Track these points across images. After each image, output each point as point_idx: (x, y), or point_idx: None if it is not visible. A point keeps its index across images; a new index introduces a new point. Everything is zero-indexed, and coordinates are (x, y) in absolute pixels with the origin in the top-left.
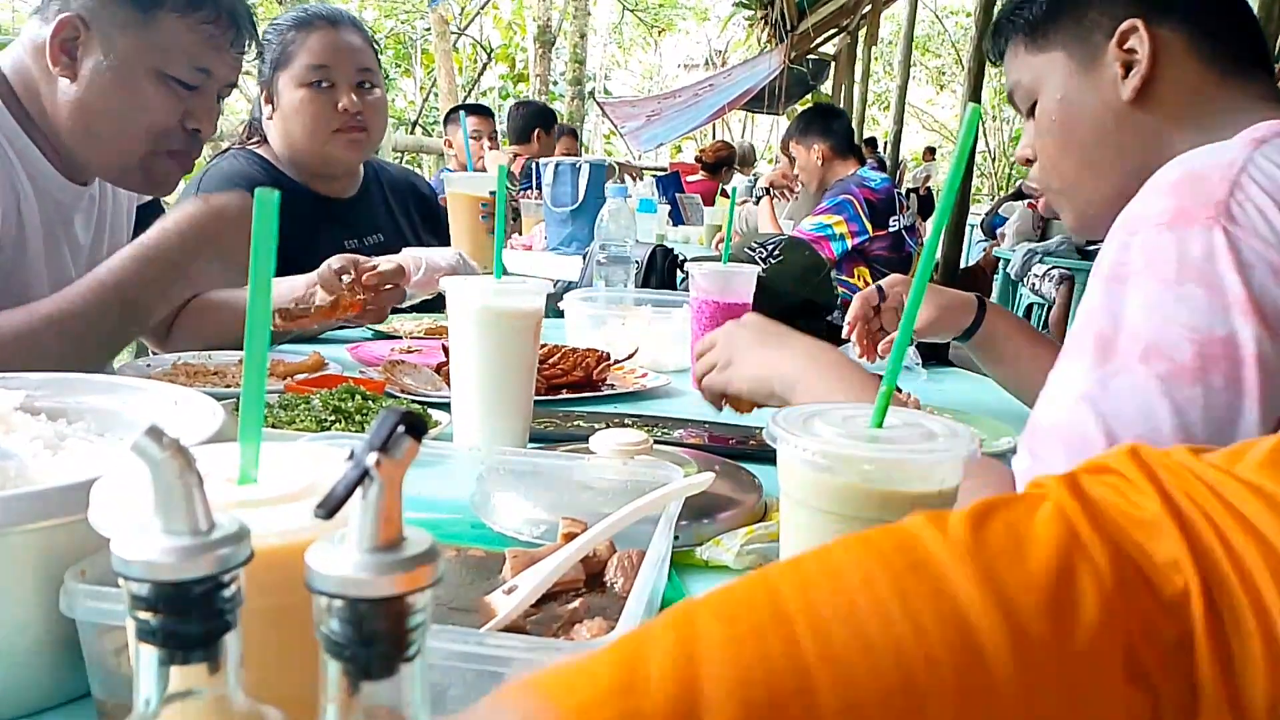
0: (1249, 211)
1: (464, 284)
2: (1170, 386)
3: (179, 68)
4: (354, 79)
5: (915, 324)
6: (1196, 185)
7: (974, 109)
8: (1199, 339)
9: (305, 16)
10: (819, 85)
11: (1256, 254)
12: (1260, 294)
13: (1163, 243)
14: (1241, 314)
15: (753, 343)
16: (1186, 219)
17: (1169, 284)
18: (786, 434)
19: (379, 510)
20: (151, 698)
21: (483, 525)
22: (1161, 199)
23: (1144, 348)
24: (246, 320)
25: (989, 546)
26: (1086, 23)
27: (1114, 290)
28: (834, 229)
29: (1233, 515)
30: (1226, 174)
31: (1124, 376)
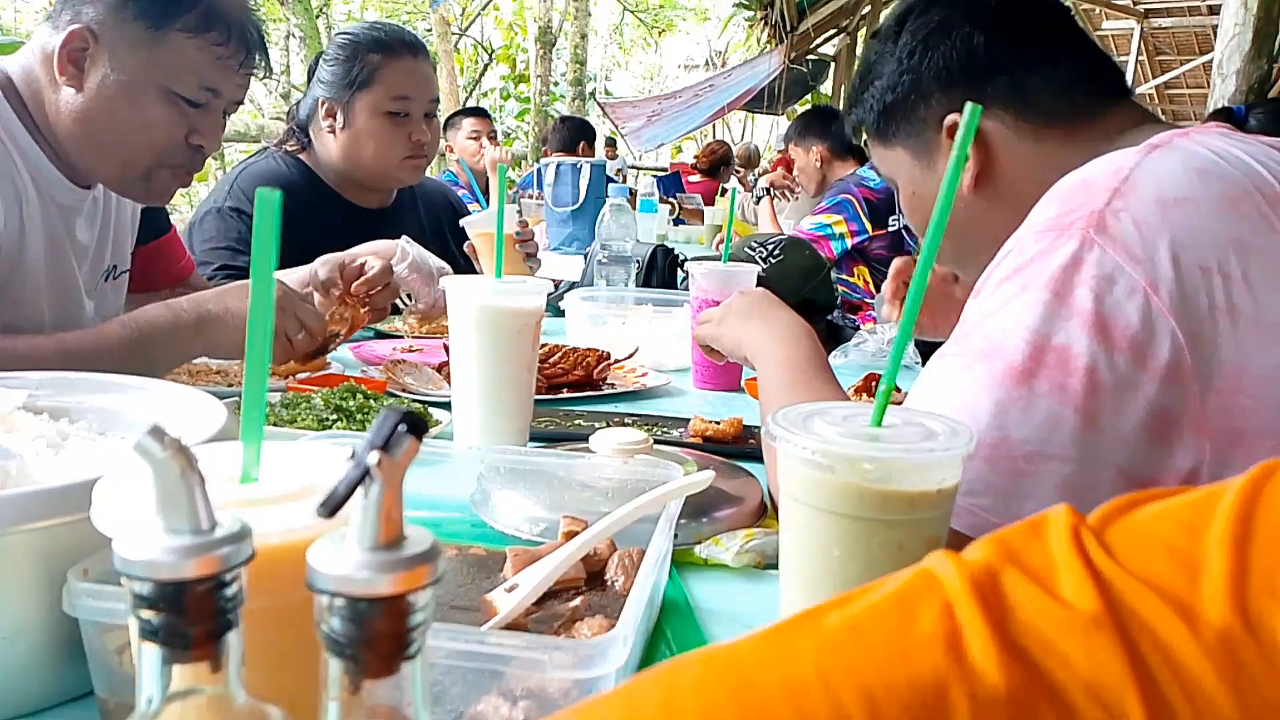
0: (1123, 222)
1: (464, 284)
2: (997, 384)
3: (187, 86)
4: (426, 109)
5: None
6: (1079, 194)
7: (973, 108)
8: (1035, 343)
9: (387, 40)
10: (819, 85)
11: (1118, 267)
12: (1110, 310)
13: (1033, 249)
14: (1081, 326)
15: (743, 311)
16: (1060, 228)
17: (1026, 289)
18: (786, 433)
19: (380, 509)
20: (154, 696)
21: (483, 524)
22: (1046, 208)
23: (989, 346)
24: (248, 320)
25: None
26: (917, 121)
27: (983, 292)
28: (833, 228)
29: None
30: (1110, 182)
31: (963, 373)
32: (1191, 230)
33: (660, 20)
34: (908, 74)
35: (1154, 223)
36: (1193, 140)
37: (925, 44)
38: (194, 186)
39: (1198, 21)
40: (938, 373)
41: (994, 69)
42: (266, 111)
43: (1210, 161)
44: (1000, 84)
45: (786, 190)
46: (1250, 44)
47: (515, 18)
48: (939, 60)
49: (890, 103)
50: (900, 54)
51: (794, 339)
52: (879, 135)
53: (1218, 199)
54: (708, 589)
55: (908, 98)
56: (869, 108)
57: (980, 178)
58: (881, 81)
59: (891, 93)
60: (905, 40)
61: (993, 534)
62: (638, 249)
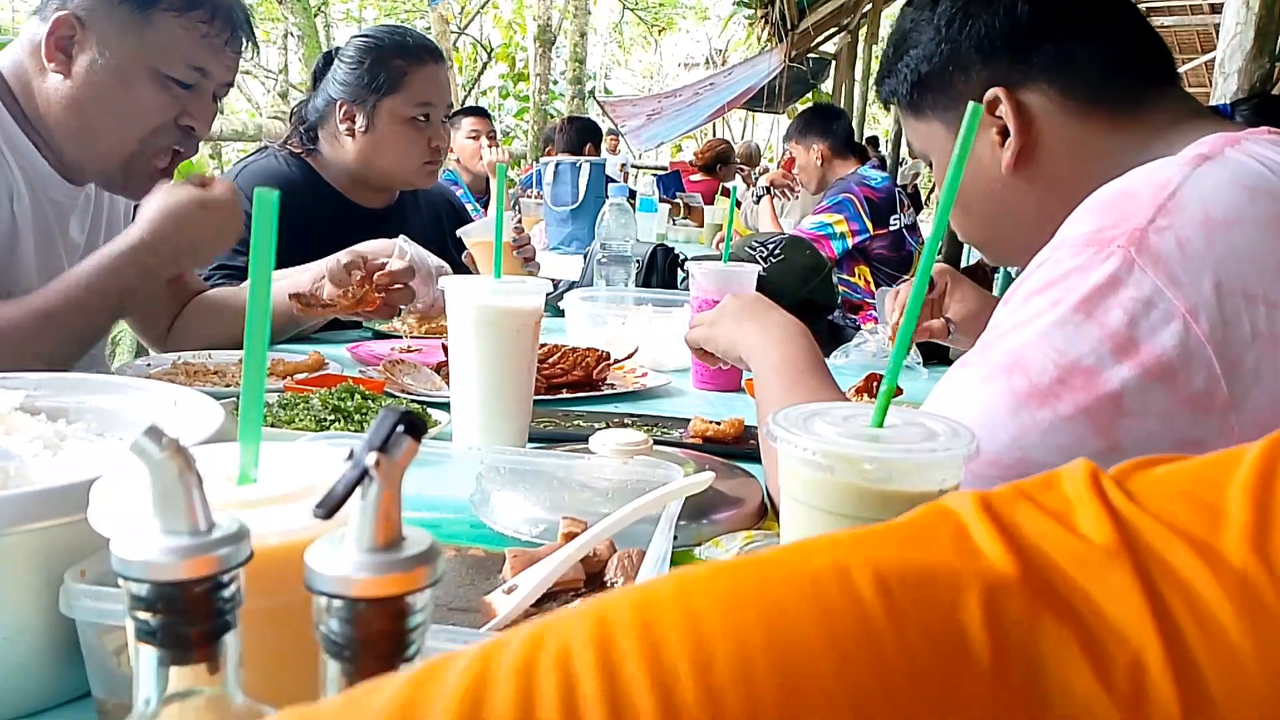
0: (1167, 242)
1: (463, 284)
2: (1019, 404)
3: (175, 67)
4: (444, 113)
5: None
6: (1123, 206)
7: (974, 107)
8: (1064, 365)
9: (411, 46)
10: (819, 84)
11: (1157, 291)
12: (1145, 335)
13: (1070, 264)
14: (1112, 351)
15: (736, 313)
16: (1100, 242)
17: (1058, 305)
18: (786, 434)
19: (378, 510)
20: (151, 697)
21: (482, 525)
22: (1088, 218)
23: (1012, 361)
24: (246, 320)
25: None
26: (953, 94)
27: (1013, 302)
28: (834, 228)
29: None
30: (1156, 197)
31: (984, 385)
32: (1238, 255)
33: (660, 18)
34: (946, 43)
35: (1199, 245)
36: (1244, 150)
37: (966, 11)
38: None
39: (1199, 20)
40: (958, 382)
41: (1040, 38)
42: (265, 110)
43: (1262, 178)
44: (1046, 55)
45: (786, 189)
46: (1252, 43)
47: (514, 16)
48: (980, 29)
49: (926, 74)
50: (939, 22)
51: (789, 339)
52: (912, 108)
53: (1268, 221)
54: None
55: (945, 68)
56: (903, 78)
57: (1022, 155)
58: (917, 50)
59: (928, 63)
60: (944, 7)
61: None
62: (637, 249)
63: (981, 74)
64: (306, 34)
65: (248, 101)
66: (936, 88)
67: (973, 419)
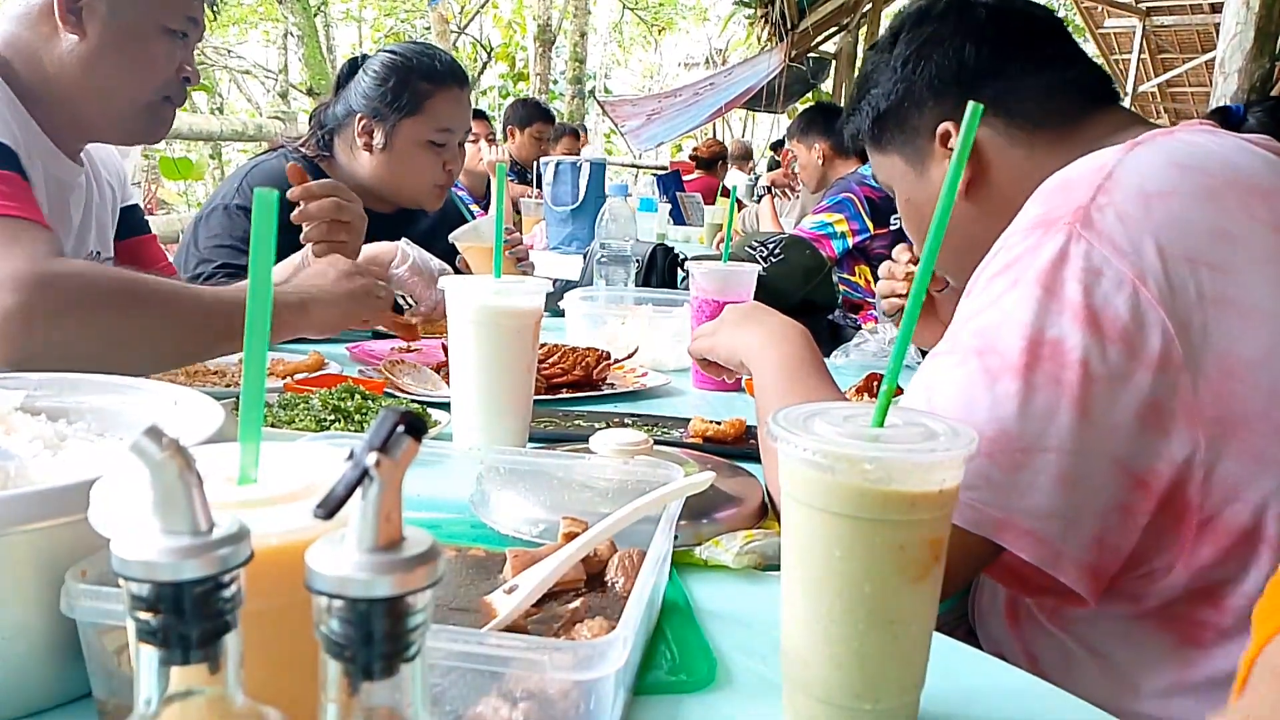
0: (1107, 216)
1: (463, 283)
2: (992, 379)
3: (177, 20)
4: (461, 137)
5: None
6: (1065, 191)
7: (974, 107)
8: (1028, 336)
9: (440, 70)
10: (819, 84)
11: (1105, 260)
12: (1100, 303)
13: (1021, 246)
14: (1073, 319)
15: (736, 319)
16: (1046, 224)
17: (1017, 284)
18: (787, 434)
19: (379, 510)
20: (152, 698)
21: (483, 525)
22: (1033, 207)
23: (982, 342)
24: (246, 320)
25: None
26: (909, 128)
27: (975, 290)
28: (835, 227)
29: None
30: (1094, 179)
31: (958, 368)
32: (1175, 222)
33: (660, 18)
34: (901, 82)
35: (1138, 215)
36: (1174, 137)
37: (919, 53)
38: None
39: (1200, 20)
40: (931, 370)
41: (983, 77)
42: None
43: (1189, 155)
44: (989, 91)
45: (787, 189)
46: (1252, 42)
47: (514, 15)
48: (931, 69)
49: (885, 110)
50: (895, 63)
51: (788, 340)
52: (875, 142)
53: (1199, 190)
54: (708, 590)
55: (901, 104)
56: (865, 115)
57: (972, 184)
58: (877, 90)
59: (886, 99)
60: (900, 50)
61: None
62: (637, 248)
63: (934, 109)
64: (306, 34)
65: (248, 101)
66: (894, 123)
67: (950, 400)
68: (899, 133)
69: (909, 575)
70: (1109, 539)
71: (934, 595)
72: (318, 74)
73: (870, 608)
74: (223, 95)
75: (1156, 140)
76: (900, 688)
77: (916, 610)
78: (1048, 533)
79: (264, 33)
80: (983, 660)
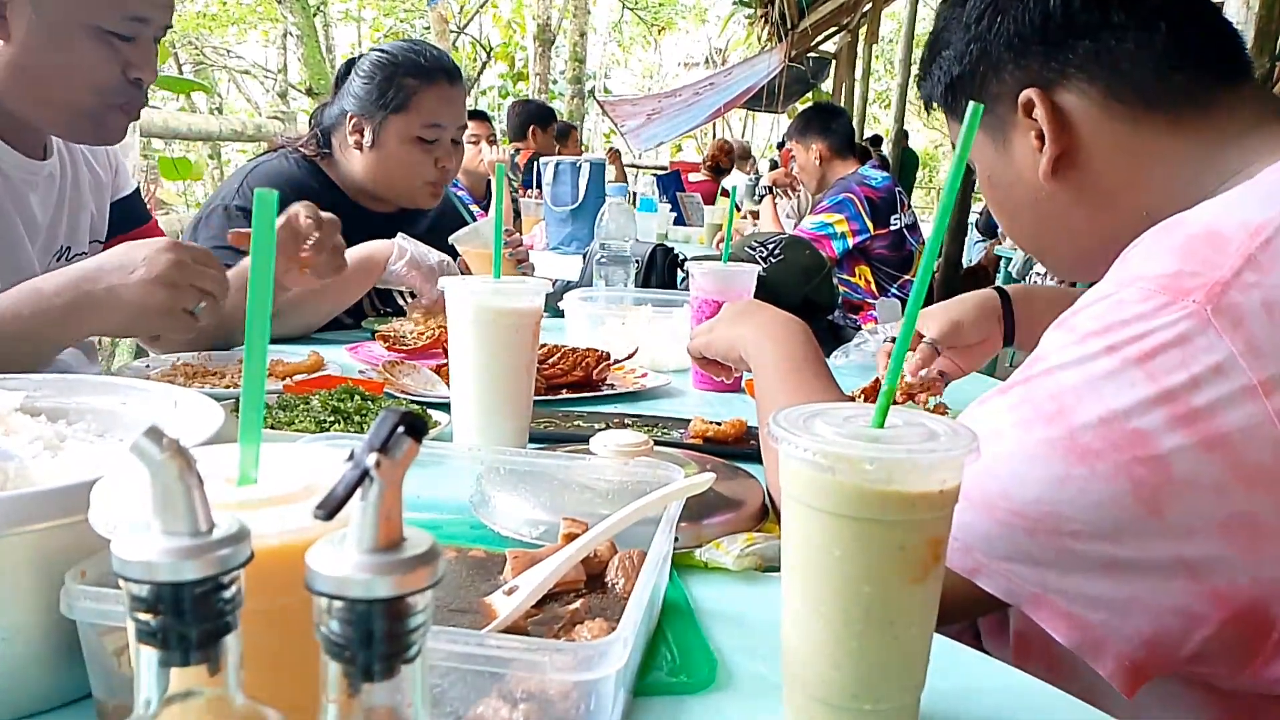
0: (1251, 301)
1: (463, 284)
2: (1057, 457)
3: (114, 21)
4: (454, 134)
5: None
6: (1208, 249)
7: (975, 107)
8: (1109, 421)
9: (426, 66)
10: (819, 83)
11: (1231, 359)
12: (1208, 404)
13: (1136, 309)
14: (1169, 417)
15: (733, 316)
16: (1176, 292)
17: (1114, 353)
18: (787, 434)
19: (379, 511)
20: (152, 699)
21: (483, 526)
22: (1165, 257)
23: (1055, 408)
24: (246, 320)
25: None
26: (988, 96)
27: (1068, 333)
28: (835, 227)
29: None
30: (1247, 244)
31: (1020, 430)
32: None
33: (660, 18)
34: (976, 42)
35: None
36: None
37: (995, 6)
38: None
39: None
40: (994, 415)
41: (1074, 33)
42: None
43: None
44: (1083, 52)
45: (787, 189)
46: (1252, 43)
47: (514, 15)
48: (1010, 25)
49: (958, 75)
50: (968, 19)
51: (789, 336)
52: (949, 110)
53: None
54: (709, 591)
55: (977, 69)
56: (936, 80)
57: (1061, 161)
58: (949, 51)
59: (959, 64)
60: (973, 3)
61: None
62: (637, 248)
63: (1015, 74)
64: (305, 34)
65: (247, 101)
66: (970, 90)
67: (1003, 463)
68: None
69: (909, 576)
70: (1163, 641)
71: (934, 595)
72: (317, 74)
73: (870, 608)
74: (222, 95)
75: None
76: (900, 688)
77: (916, 610)
78: (1091, 619)
79: (263, 33)
80: (983, 660)
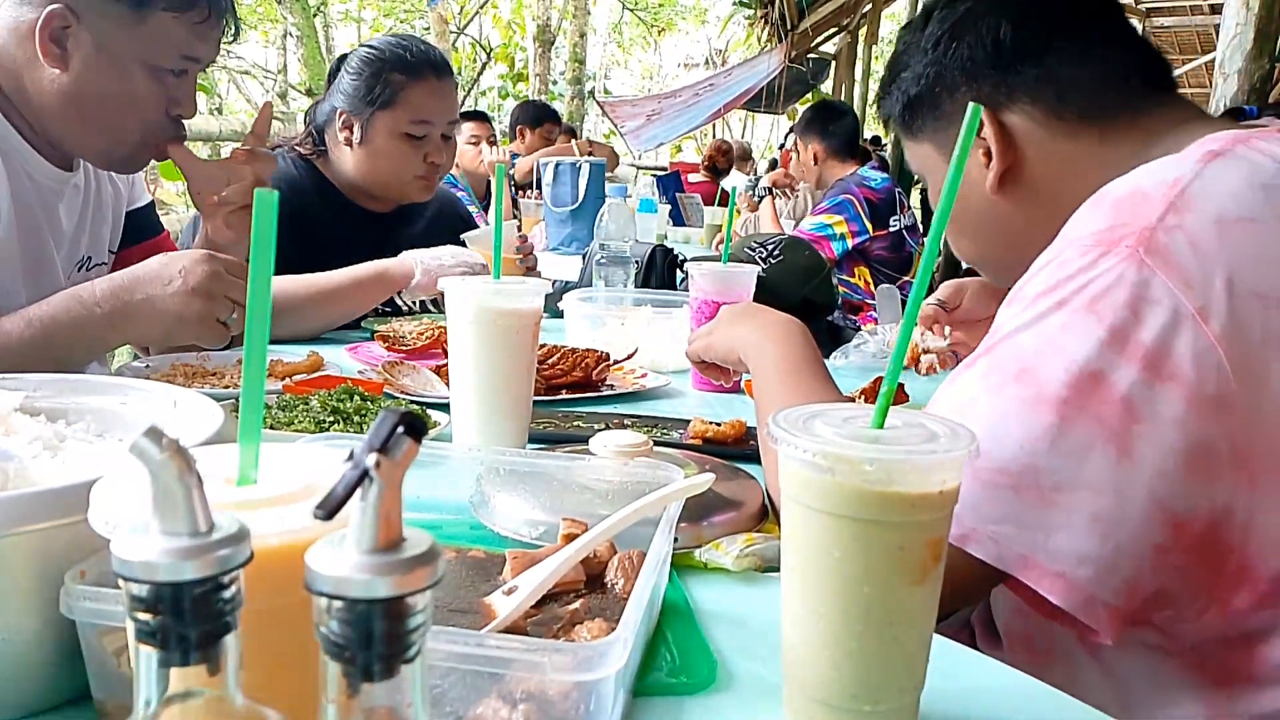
0: (1177, 242)
1: (462, 284)
2: (1028, 411)
3: (170, 59)
4: (444, 129)
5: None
6: (1133, 205)
7: (974, 108)
8: (1071, 369)
9: (412, 61)
10: (819, 84)
11: (1167, 292)
12: (1155, 339)
13: (1076, 264)
14: (1122, 354)
15: (731, 318)
16: (1108, 243)
17: (1064, 306)
18: (787, 435)
19: (379, 511)
20: (151, 699)
21: (482, 526)
22: (1093, 217)
23: (1019, 368)
24: (246, 320)
25: None
26: (941, 114)
27: (1018, 301)
28: (834, 229)
29: None
30: (1166, 194)
31: (993, 395)
32: (1251, 255)
33: (660, 19)
34: (932, 65)
35: (1211, 245)
36: (1256, 148)
37: (951, 33)
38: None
39: (1199, 21)
40: (965, 388)
41: (1022, 59)
42: None
43: (1273, 176)
44: (1029, 76)
45: (786, 189)
46: (1252, 43)
47: (514, 16)
48: (964, 51)
49: (915, 95)
50: (926, 44)
51: (786, 336)
52: (906, 129)
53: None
54: (708, 591)
55: (933, 89)
56: (895, 99)
57: (1006, 177)
58: (908, 72)
59: (917, 84)
60: (932, 29)
61: None
62: (636, 249)
63: (967, 94)
64: (305, 34)
65: (247, 102)
66: (926, 108)
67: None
68: (931, 119)
69: (908, 576)
70: (1141, 582)
71: (934, 596)
72: (316, 74)
73: (870, 609)
74: (222, 95)
75: (1237, 152)
76: (900, 688)
77: (916, 611)
78: (1078, 577)
79: (263, 33)
80: (983, 660)
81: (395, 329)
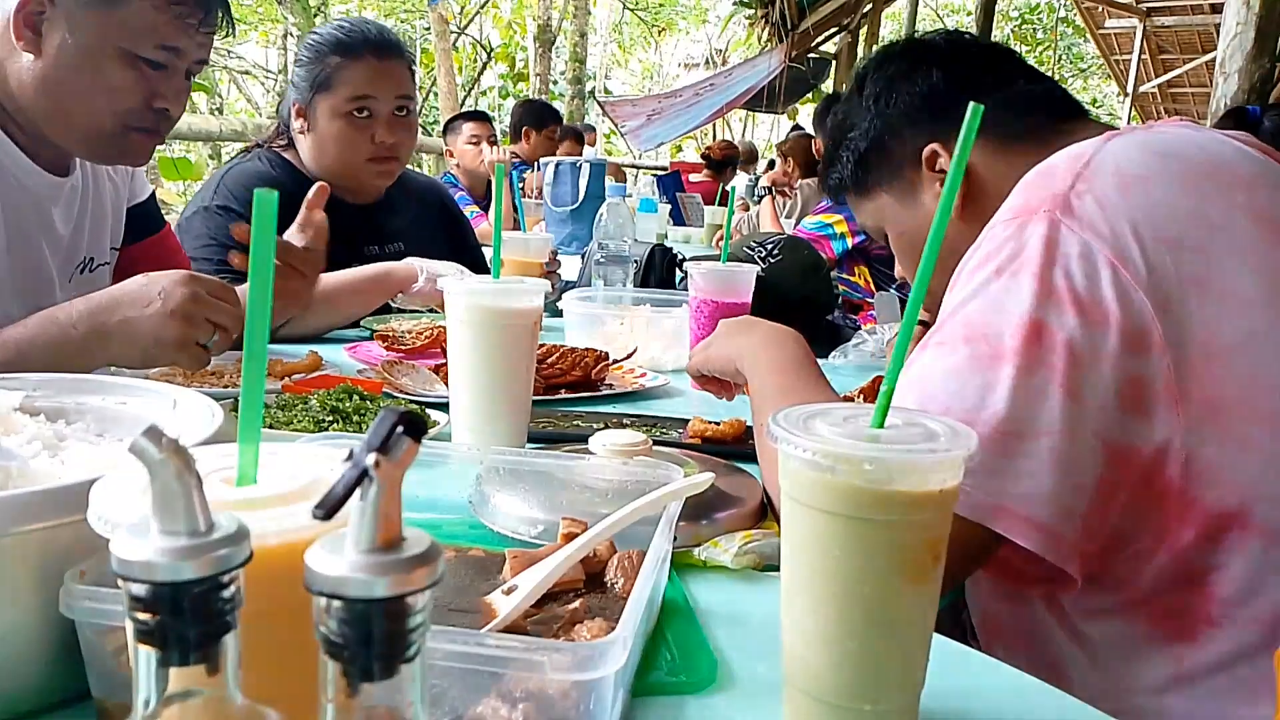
0: (1086, 202)
1: (462, 284)
2: (982, 366)
3: (146, 48)
4: (392, 106)
5: None
6: (1044, 180)
7: (974, 108)
8: (1014, 322)
9: (350, 42)
10: (819, 84)
11: (1085, 245)
12: (1082, 286)
13: (1003, 235)
14: (1056, 304)
15: (728, 331)
16: (1027, 212)
17: (1000, 272)
18: (787, 434)
19: (378, 511)
20: (151, 698)
21: (482, 526)
22: (1014, 198)
23: (969, 331)
24: (246, 320)
25: None
26: (893, 162)
27: (959, 282)
28: (834, 228)
29: None
30: (1073, 166)
31: (947, 357)
32: (1154, 205)
33: (660, 19)
34: (878, 118)
35: (1115, 200)
36: (1151, 130)
37: (889, 88)
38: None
39: (1200, 20)
40: (919, 363)
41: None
42: (264, 110)
43: (1167, 144)
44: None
45: (786, 189)
46: (1252, 43)
47: (514, 16)
48: (904, 99)
49: (865, 149)
50: (867, 102)
51: (782, 344)
52: (859, 187)
53: (1177, 176)
54: (708, 590)
55: (881, 139)
56: (845, 162)
57: (966, 204)
58: (855, 132)
59: (865, 139)
60: (869, 90)
61: None
62: (636, 248)
63: (914, 135)
64: (305, 34)
65: (247, 102)
66: (877, 160)
67: (939, 388)
68: (884, 169)
69: (908, 576)
70: (1091, 516)
71: (934, 596)
72: None
73: (869, 608)
74: (222, 95)
75: (1134, 132)
76: (900, 688)
77: (916, 611)
78: (1045, 518)
79: (263, 33)
80: (983, 660)
81: (394, 328)
